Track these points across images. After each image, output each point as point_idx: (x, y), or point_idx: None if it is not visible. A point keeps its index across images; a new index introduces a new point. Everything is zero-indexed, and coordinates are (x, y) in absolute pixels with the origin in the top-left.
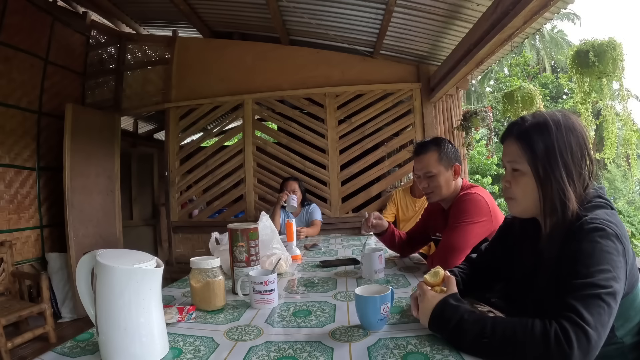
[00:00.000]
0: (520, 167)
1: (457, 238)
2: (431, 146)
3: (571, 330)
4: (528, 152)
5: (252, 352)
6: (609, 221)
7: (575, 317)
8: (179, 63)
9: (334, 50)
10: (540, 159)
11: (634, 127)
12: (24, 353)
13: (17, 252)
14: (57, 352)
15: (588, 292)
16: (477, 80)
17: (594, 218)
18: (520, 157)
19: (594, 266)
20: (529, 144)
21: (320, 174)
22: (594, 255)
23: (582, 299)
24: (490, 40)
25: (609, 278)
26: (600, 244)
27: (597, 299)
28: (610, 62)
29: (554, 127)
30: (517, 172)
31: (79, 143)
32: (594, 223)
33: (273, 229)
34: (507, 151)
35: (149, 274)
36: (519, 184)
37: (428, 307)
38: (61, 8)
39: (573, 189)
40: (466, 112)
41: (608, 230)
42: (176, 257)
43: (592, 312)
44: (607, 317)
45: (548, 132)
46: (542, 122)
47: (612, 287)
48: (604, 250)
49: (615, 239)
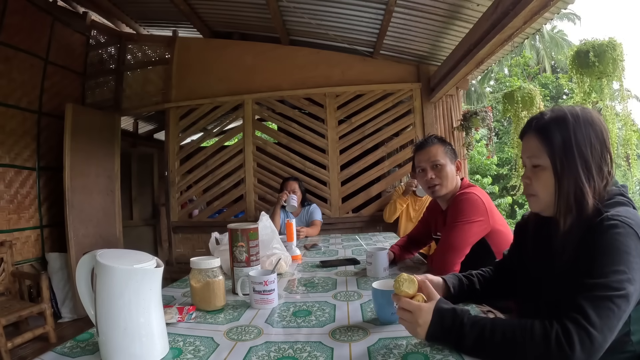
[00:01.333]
0: (540, 162)
1: (455, 237)
2: (435, 140)
3: (574, 332)
4: (547, 146)
5: (252, 352)
6: (630, 219)
7: (581, 319)
8: (179, 63)
9: (334, 50)
10: (558, 153)
11: (634, 127)
12: (24, 353)
13: (17, 252)
14: (57, 352)
15: (599, 293)
16: (477, 81)
17: (615, 215)
18: (540, 151)
19: (609, 266)
20: (547, 137)
21: (320, 174)
22: (610, 254)
23: (591, 300)
24: (490, 40)
25: (623, 280)
26: (618, 241)
27: (607, 301)
28: (610, 62)
29: (572, 120)
30: (537, 168)
31: (79, 143)
32: (614, 220)
33: (273, 229)
34: (526, 147)
35: (149, 274)
36: (539, 179)
37: (425, 321)
38: (61, 8)
39: (592, 185)
40: (466, 112)
41: (628, 228)
42: (176, 257)
43: (601, 314)
44: (615, 321)
45: (566, 125)
46: (561, 116)
47: (625, 289)
48: (621, 249)
49: (636, 239)
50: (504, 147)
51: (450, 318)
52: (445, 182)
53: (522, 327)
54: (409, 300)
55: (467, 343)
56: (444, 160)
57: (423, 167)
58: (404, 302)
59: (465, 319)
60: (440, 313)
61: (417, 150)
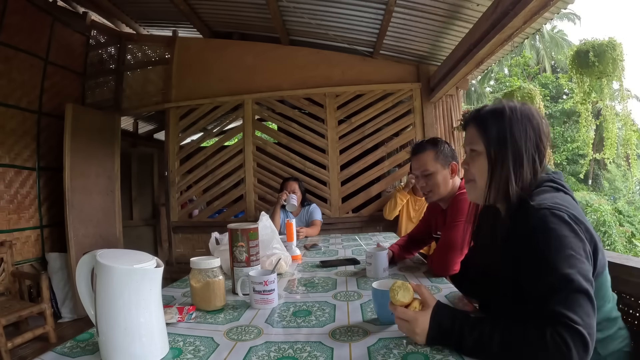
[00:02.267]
0: (476, 147)
1: (454, 237)
2: (427, 145)
3: (566, 334)
4: (483, 134)
5: (252, 352)
6: (557, 204)
7: (565, 321)
8: (179, 63)
9: (334, 50)
10: (493, 141)
11: (633, 127)
12: (24, 353)
13: (17, 252)
14: (57, 352)
15: (565, 291)
16: (477, 80)
17: (541, 203)
18: (477, 138)
19: (556, 253)
20: (484, 126)
21: (320, 174)
22: (551, 243)
23: (563, 302)
24: (490, 40)
25: (575, 264)
26: (553, 229)
27: (575, 294)
28: (610, 62)
29: (509, 112)
30: (474, 153)
31: (79, 143)
32: (541, 208)
33: (273, 229)
34: (466, 135)
35: (149, 274)
36: (475, 164)
37: (423, 329)
38: (61, 8)
39: (519, 173)
40: (466, 112)
41: (557, 212)
42: (176, 257)
43: (577, 310)
44: (589, 307)
45: (502, 117)
46: (499, 109)
47: (581, 273)
48: (559, 234)
49: (567, 221)
50: None
51: (448, 322)
52: (436, 189)
53: (518, 331)
54: (404, 310)
55: (467, 345)
56: (433, 167)
57: (416, 174)
58: (400, 311)
59: (464, 322)
60: (437, 319)
61: (412, 155)
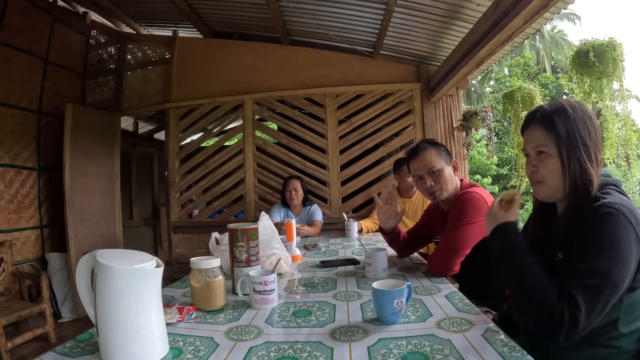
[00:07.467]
0: (546, 149)
1: (456, 238)
2: (427, 145)
3: (567, 314)
4: (553, 134)
5: (252, 352)
6: (625, 207)
7: (572, 304)
8: (179, 63)
9: (334, 50)
10: (564, 140)
11: (634, 128)
12: (24, 353)
13: (17, 252)
14: (57, 352)
15: (587, 280)
16: (477, 81)
17: (612, 202)
18: (546, 139)
19: (599, 252)
20: (552, 126)
21: (320, 174)
22: (603, 240)
23: (580, 287)
24: (490, 40)
25: (611, 266)
26: (611, 229)
27: (594, 288)
28: (610, 63)
29: (571, 111)
30: (543, 155)
31: (79, 143)
32: (610, 207)
33: (273, 229)
34: (530, 138)
35: (149, 274)
36: (546, 165)
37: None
38: (61, 8)
39: (594, 167)
40: (466, 112)
41: (622, 216)
42: (176, 257)
43: (587, 301)
44: (601, 306)
45: (567, 115)
46: (561, 107)
47: (611, 275)
48: (615, 235)
49: (629, 226)
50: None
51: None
52: (445, 186)
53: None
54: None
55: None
56: (440, 164)
57: (420, 174)
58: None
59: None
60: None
61: (411, 157)
